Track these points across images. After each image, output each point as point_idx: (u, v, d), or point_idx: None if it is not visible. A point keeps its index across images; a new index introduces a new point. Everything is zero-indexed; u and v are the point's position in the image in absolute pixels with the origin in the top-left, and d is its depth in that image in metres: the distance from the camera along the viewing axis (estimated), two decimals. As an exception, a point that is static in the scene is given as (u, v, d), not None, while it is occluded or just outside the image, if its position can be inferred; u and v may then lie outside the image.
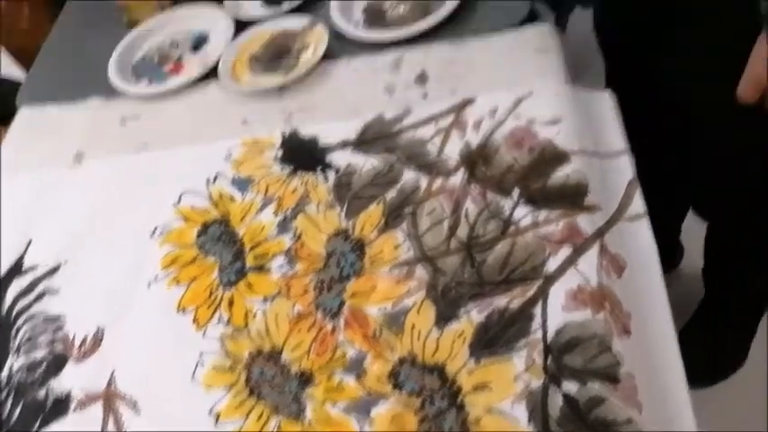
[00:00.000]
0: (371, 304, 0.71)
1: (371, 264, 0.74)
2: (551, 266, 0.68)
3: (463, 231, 0.74)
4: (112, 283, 0.82)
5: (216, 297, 0.77)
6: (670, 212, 1.38)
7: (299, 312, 0.73)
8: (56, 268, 0.85)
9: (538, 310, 0.66)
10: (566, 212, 0.71)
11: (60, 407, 0.74)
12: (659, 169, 1.08)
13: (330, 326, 0.71)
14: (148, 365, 0.74)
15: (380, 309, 0.71)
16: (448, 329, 0.67)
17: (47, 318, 0.81)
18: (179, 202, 0.87)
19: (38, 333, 0.80)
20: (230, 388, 0.70)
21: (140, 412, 0.72)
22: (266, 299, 0.75)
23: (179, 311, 0.77)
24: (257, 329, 0.73)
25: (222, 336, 0.74)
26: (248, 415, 0.68)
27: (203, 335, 0.75)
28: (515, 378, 0.63)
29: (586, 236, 0.70)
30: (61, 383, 0.76)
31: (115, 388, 0.74)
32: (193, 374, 0.72)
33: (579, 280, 0.67)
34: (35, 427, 0.73)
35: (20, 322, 0.82)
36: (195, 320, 0.76)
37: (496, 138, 0.80)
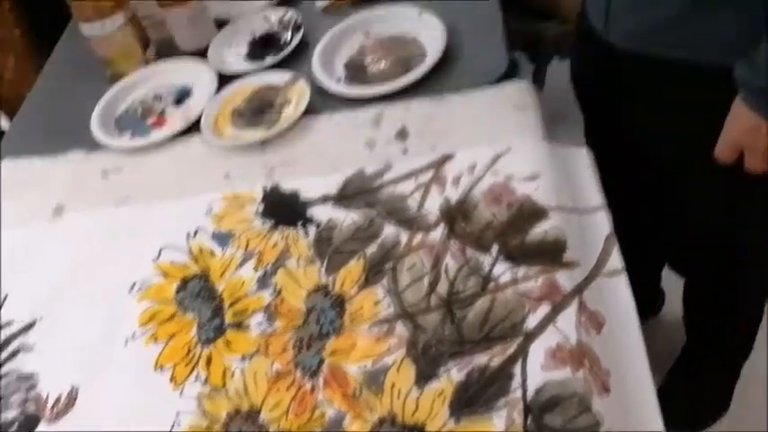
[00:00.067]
0: (351, 362, 0.71)
1: (351, 321, 0.74)
2: (531, 324, 0.68)
3: (443, 287, 0.74)
4: (89, 340, 0.81)
5: (194, 355, 0.76)
6: (649, 262, 1.39)
7: (278, 371, 0.72)
8: (31, 324, 0.84)
9: (517, 369, 0.66)
10: (545, 269, 0.72)
11: (31, 469, 0.72)
12: (636, 223, 1.09)
13: (309, 385, 0.70)
14: (123, 426, 0.73)
15: (360, 367, 0.70)
16: (428, 388, 0.67)
17: (20, 376, 0.79)
18: (159, 257, 0.87)
19: (10, 392, 0.78)
20: (207, 449, 0.69)
21: (115, 474, 0.70)
22: (245, 357, 0.74)
23: (156, 369, 0.76)
24: (235, 388, 0.72)
25: (199, 395, 0.73)
26: (225, 477, 0.67)
27: (180, 394, 0.73)
28: (496, 438, 0.62)
29: (565, 293, 0.70)
30: (33, 445, 0.74)
31: (89, 449, 0.72)
32: (170, 435, 0.71)
33: (558, 338, 0.67)
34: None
35: (-8, 381, 0.80)
36: (172, 379, 0.75)
37: (475, 193, 0.81)
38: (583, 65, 1.10)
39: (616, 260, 0.74)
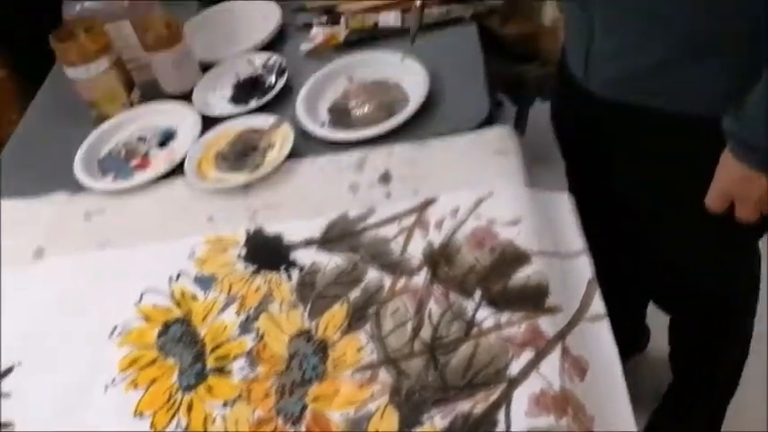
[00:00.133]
0: (334, 409, 0.70)
1: (334, 367, 0.73)
2: (514, 370, 0.68)
3: (426, 332, 0.74)
4: (67, 386, 0.79)
5: (175, 401, 0.75)
6: (632, 302, 1.40)
7: (260, 418, 0.72)
8: (8, 370, 0.83)
9: (501, 416, 0.65)
10: (528, 315, 0.72)
11: None
12: (617, 268, 1.09)
13: (291, 432, 0.70)
14: (102, 475, 0.72)
15: (343, 414, 0.70)
16: (412, 436, 0.66)
17: (-4, 425, 0.78)
18: (140, 301, 0.86)
19: (-15, 442, 0.77)
20: (187, 499, 0.68)
21: None
22: (226, 403, 0.73)
23: (136, 416, 0.75)
24: (217, 436, 0.71)
25: (180, 442, 0.72)
26: None
27: (161, 441, 0.72)
28: (480, 487, 0.62)
29: (548, 338, 0.70)
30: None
31: (66, 500, 0.71)
32: (149, 484, 0.69)
33: (542, 384, 0.67)
34: None
35: (-34, 430, 0.79)
36: (153, 426, 0.74)
37: (458, 237, 0.81)
38: (563, 111, 1.11)
39: (598, 305, 0.74)
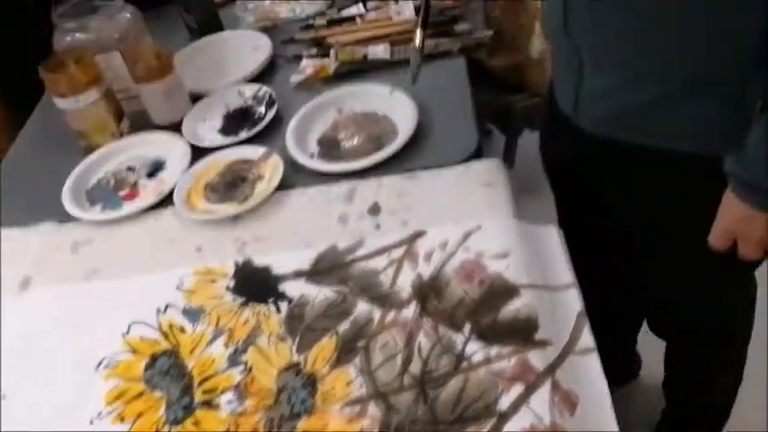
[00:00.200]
0: (323, 444, 0.70)
1: (323, 401, 0.73)
2: (504, 404, 0.68)
3: (416, 366, 0.73)
4: (53, 420, 0.78)
5: (162, 436, 0.75)
6: (623, 332, 1.40)
7: (248, 453, 0.71)
8: (-7, 403, 0.82)
9: (491, 451, 0.65)
10: (517, 348, 0.72)
11: None
12: (608, 301, 1.10)
13: (280, 468, 0.69)
14: None
15: (332, 449, 0.69)
16: (401, 471, 0.66)
17: (-21, 460, 0.77)
18: (128, 333, 0.86)
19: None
20: None
21: None
22: (214, 438, 0.73)
23: (122, 451, 0.74)
24: (204, 472, 0.71)
25: (166, 479, 0.71)
26: None
27: (147, 478, 0.71)
28: None
29: (538, 372, 0.70)
30: None
31: None
32: None
33: (532, 418, 0.67)
34: None
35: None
36: (139, 461, 0.73)
37: (447, 270, 0.81)
38: (553, 146, 1.11)
39: (588, 338, 0.74)
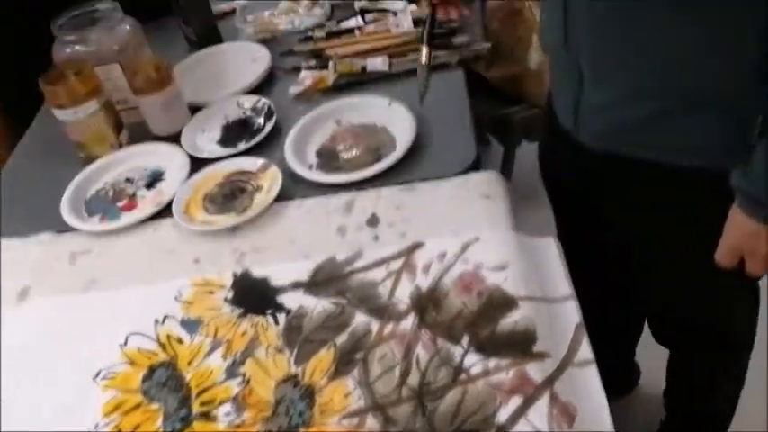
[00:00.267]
0: (321, 456, 0.70)
1: (321, 413, 0.73)
2: (502, 416, 0.68)
3: (414, 378, 0.73)
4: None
5: (159, 448, 0.74)
6: (622, 344, 1.40)
7: (246, 465, 0.71)
8: (-10, 415, 0.81)
9: (489, 464, 0.65)
10: (515, 361, 0.72)
11: None
12: (607, 313, 1.10)
13: (277, 480, 0.69)
14: None
15: (330, 461, 0.69)
16: (399, 484, 0.66)
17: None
18: (126, 344, 0.85)
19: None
20: None
21: None
22: (212, 450, 0.73)
23: (119, 463, 0.74)
24: (201, 484, 0.70)
25: (164, 491, 0.71)
26: None
27: (143, 490, 0.71)
28: None
29: (536, 384, 0.70)
30: None
31: None
32: None
33: (530, 431, 0.66)
34: None
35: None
36: (136, 473, 0.73)
37: (446, 282, 0.81)
38: (552, 160, 1.11)
39: (586, 350, 0.74)
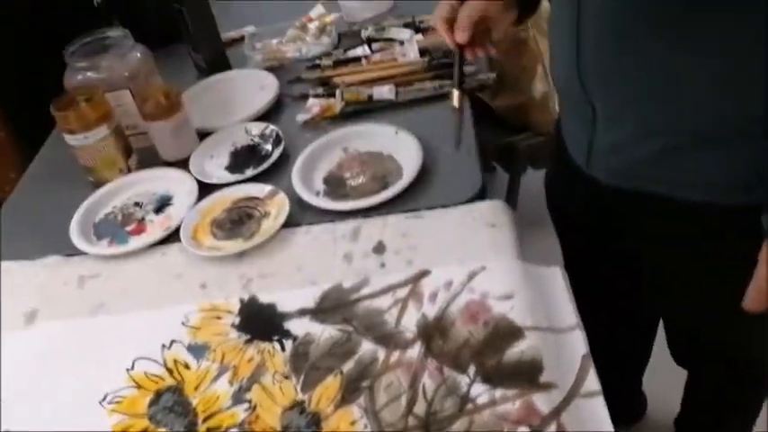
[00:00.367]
0: (326, 485, 0.70)
1: (328, 441, 0.73)
2: (509, 447, 0.68)
3: (421, 408, 0.74)
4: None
5: (164, 474, 0.74)
6: (629, 372, 1.40)
7: (251, 493, 0.71)
8: (-4, 439, 0.82)
9: (495, 495, 0.65)
10: (522, 391, 0.72)
11: None
12: (613, 342, 1.09)
13: None
14: None
15: (336, 490, 0.69)
16: None
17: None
18: (132, 368, 0.86)
19: None
20: None
21: None
22: (217, 477, 0.73)
23: (124, 489, 0.74)
24: None
25: None
26: None
27: None
28: None
29: (543, 415, 0.70)
30: None
31: None
32: None
33: (536, 462, 0.67)
34: None
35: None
36: (141, 500, 0.73)
37: (452, 310, 0.82)
38: (560, 191, 1.11)
39: (593, 381, 0.74)
